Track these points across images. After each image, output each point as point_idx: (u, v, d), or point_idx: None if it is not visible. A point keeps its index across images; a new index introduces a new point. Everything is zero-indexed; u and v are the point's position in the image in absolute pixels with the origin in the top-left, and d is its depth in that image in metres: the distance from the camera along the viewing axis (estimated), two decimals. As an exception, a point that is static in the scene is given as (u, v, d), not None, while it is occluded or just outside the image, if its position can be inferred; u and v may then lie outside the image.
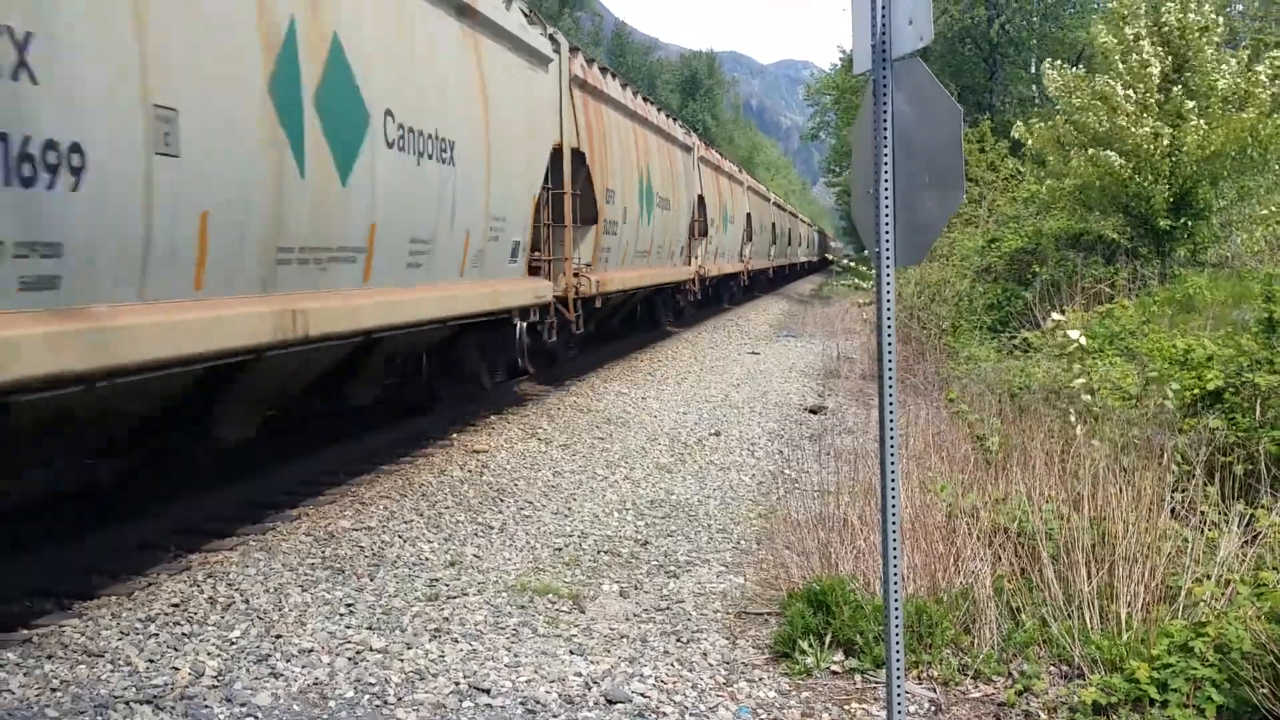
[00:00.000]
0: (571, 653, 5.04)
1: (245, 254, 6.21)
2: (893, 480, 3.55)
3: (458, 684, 4.67)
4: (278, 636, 5.17)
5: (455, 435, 10.48)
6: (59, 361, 4.78)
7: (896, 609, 3.59)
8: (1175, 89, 14.69)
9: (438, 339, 9.83)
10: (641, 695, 4.58)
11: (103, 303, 5.13)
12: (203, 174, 5.68)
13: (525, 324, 11.37)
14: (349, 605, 5.64)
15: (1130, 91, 14.48)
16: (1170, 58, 14.90)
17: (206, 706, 4.39)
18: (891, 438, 3.56)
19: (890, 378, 3.52)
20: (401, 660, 4.91)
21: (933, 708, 4.48)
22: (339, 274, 7.30)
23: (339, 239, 7.19)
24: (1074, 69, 16.47)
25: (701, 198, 23.21)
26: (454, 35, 9.08)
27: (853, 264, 22.48)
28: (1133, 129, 14.34)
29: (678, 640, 5.24)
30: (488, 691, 4.59)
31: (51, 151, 4.67)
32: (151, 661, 4.84)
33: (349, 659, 4.91)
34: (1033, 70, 35.61)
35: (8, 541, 6.27)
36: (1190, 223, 15.40)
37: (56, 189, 4.72)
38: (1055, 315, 8.54)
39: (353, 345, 7.91)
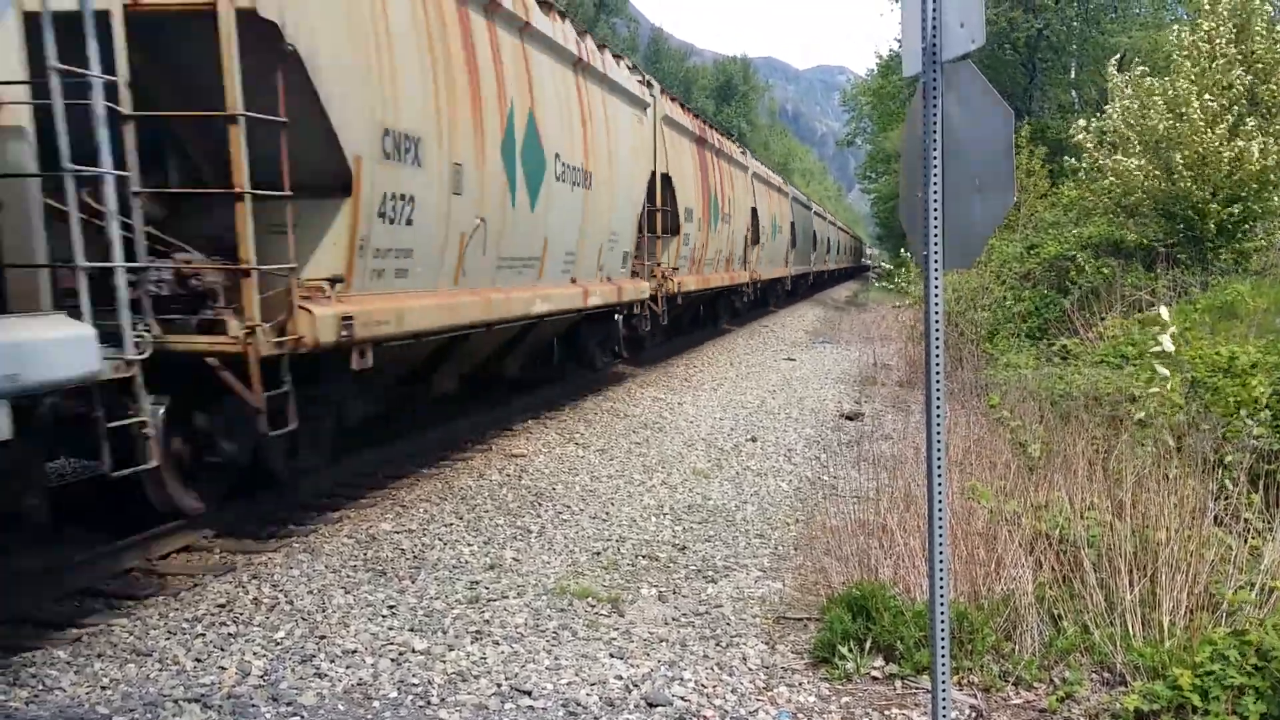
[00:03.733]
0: (611, 656, 5.07)
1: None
2: (940, 482, 3.55)
3: (499, 685, 4.71)
4: (322, 637, 5.24)
5: (493, 440, 10.55)
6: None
7: (942, 614, 3.59)
8: (1239, 102, 14.65)
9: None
10: (682, 699, 4.60)
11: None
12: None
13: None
14: (391, 607, 5.69)
15: (1206, 99, 14.44)
16: (1245, 70, 14.86)
17: (253, 705, 4.46)
18: (939, 440, 3.55)
19: (938, 379, 3.52)
20: (444, 662, 4.96)
21: (974, 713, 4.47)
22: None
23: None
24: (1143, 70, 16.37)
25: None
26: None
27: (890, 269, 22.53)
28: (1200, 136, 14.29)
29: (717, 644, 5.25)
30: (529, 693, 4.63)
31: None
32: (199, 661, 4.92)
33: (392, 660, 4.97)
34: (1072, 75, 35.33)
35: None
36: (1238, 227, 15.30)
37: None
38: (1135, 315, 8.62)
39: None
